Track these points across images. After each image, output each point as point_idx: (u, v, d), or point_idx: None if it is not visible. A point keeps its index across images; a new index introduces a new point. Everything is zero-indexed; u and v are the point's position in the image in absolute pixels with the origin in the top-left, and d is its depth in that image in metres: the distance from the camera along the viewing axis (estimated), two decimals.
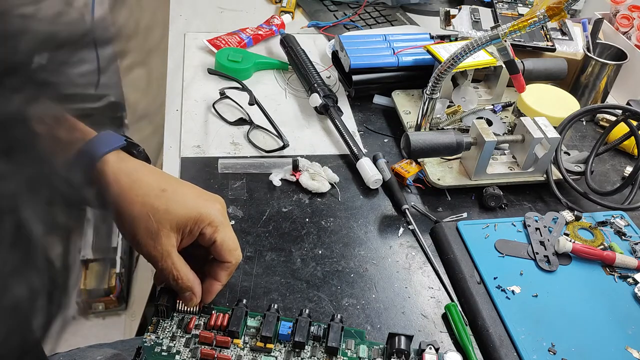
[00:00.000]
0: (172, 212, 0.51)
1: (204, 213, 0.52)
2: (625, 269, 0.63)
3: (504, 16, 0.97)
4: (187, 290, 0.53)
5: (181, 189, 0.53)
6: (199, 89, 0.88)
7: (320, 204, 0.71)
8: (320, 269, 0.63)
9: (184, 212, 0.51)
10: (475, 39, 0.67)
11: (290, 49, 0.92)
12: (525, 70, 0.84)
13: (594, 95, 0.90)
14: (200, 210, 0.52)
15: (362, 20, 1.08)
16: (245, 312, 0.53)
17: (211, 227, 0.52)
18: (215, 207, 0.53)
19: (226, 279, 0.54)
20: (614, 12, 1.02)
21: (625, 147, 0.84)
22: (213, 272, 0.54)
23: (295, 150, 0.78)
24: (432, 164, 0.75)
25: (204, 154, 0.76)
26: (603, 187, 0.77)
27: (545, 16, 0.64)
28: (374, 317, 0.58)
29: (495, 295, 0.59)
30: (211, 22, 1.05)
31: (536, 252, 0.64)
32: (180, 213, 0.51)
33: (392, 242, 0.67)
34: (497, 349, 0.55)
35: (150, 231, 0.50)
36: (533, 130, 0.71)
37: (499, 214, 0.72)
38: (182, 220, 0.51)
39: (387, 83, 0.88)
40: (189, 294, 0.53)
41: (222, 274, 0.54)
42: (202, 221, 0.52)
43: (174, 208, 0.51)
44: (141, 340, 0.52)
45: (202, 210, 0.52)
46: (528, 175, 0.74)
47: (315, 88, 0.84)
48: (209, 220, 0.52)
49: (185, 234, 0.52)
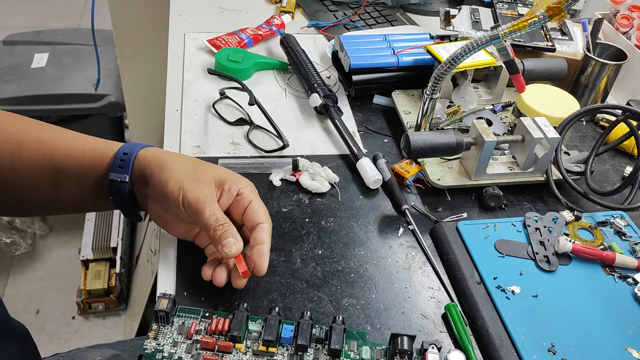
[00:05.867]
0: (213, 169, 0.59)
1: (239, 176, 0.60)
2: (625, 269, 0.63)
3: (504, 16, 0.97)
4: (230, 235, 0.55)
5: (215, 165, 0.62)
6: (199, 89, 0.88)
7: (320, 204, 0.71)
8: (320, 269, 0.63)
9: (223, 172, 0.59)
10: (475, 39, 0.67)
11: (290, 49, 0.92)
12: (525, 70, 0.84)
13: (594, 95, 0.90)
14: (235, 174, 0.60)
15: (362, 20, 1.08)
16: (246, 316, 0.53)
17: (247, 189, 0.59)
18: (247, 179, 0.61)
19: (269, 240, 0.57)
20: (614, 12, 1.02)
21: (625, 147, 0.84)
22: (254, 239, 0.57)
23: (295, 150, 0.78)
24: (432, 164, 0.75)
25: (204, 154, 0.76)
26: (603, 187, 0.77)
27: (545, 16, 0.64)
28: (374, 317, 0.58)
29: (495, 295, 0.59)
30: (211, 22, 1.05)
31: (536, 252, 0.64)
32: (221, 172, 0.59)
33: (392, 242, 0.67)
34: (497, 349, 0.55)
35: (198, 179, 0.56)
36: (533, 130, 0.71)
37: (499, 214, 0.72)
38: (223, 177, 0.58)
39: (387, 83, 0.88)
40: (232, 239, 0.55)
41: (262, 235, 0.57)
42: (240, 182, 0.59)
43: (215, 169, 0.60)
44: (142, 346, 0.52)
45: (237, 175, 0.60)
46: (528, 175, 0.74)
47: (315, 88, 0.84)
48: (246, 183, 0.60)
49: (224, 190, 0.58)
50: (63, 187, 0.61)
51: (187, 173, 0.56)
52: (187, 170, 0.57)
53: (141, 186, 0.59)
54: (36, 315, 1.68)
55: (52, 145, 0.60)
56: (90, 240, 1.64)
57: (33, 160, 0.59)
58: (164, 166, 0.57)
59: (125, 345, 0.79)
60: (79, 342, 1.61)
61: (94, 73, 1.74)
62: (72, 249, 1.79)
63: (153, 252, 1.36)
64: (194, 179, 0.56)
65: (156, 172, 0.57)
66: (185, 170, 0.57)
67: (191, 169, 0.57)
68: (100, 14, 1.54)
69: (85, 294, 1.62)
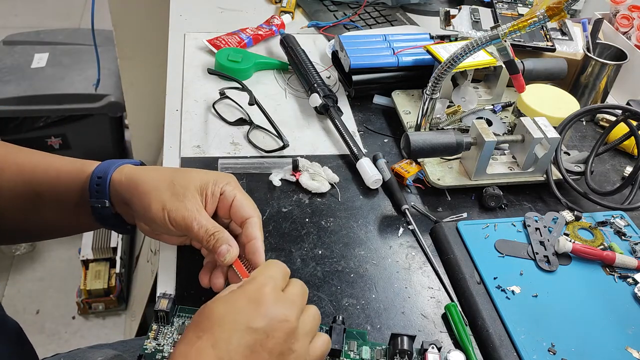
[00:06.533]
0: (192, 177, 0.57)
1: (219, 175, 0.58)
2: (625, 269, 0.63)
3: (504, 16, 0.97)
4: (223, 242, 0.55)
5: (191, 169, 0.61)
6: (199, 89, 0.88)
7: (320, 204, 0.71)
8: (320, 269, 0.63)
9: (202, 176, 0.58)
10: (475, 39, 0.67)
11: (290, 49, 0.92)
12: (525, 70, 0.84)
13: (594, 95, 0.90)
14: (215, 174, 0.59)
15: (362, 20, 1.08)
16: None
17: (230, 185, 0.58)
18: (227, 174, 0.60)
19: (260, 233, 0.57)
20: (614, 12, 1.02)
21: (625, 147, 0.84)
22: (246, 236, 0.56)
23: (295, 150, 0.78)
24: (432, 164, 0.75)
25: (204, 154, 0.76)
26: (603, 187, 0.77)
27: (545, 16, 0.64)
28: (374, 317, 0.58)
29: (495, 295, 0.59)
30: (211, 22, 1.05)
31: (536, 252, 0.64)
32: (198, 177, 0.57)
33: (392, 242, 0.67)
34: (497, 349, 0.55)
35: (177, 194, 0.55)
36: (533, 130, 0.71)
37: (499, 214, 0.72)
38: (203, 182, 0.57)
39: (387, 83, 0.88)
40: (226, 246, 0.55)
41: (252, 231, 0.56)
42: (221, 181, 0.58)
43: (192, 175, 0.58)
44: (142, 347, 0.52)
45: (216, 174, 0.59)
46: (528, 175, 0.74)
47: (315, 88, 0.84)
48: (227, 180, 0.58)
49: (208, 195, 0.57)
50: (45, 212, 0.61)
51: (165, 190, 0.55)
52: (164, 186, 0.56)
53: (125, 207, 0.59)
54: (36, 315, 1.68)
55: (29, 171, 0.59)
56: (90, 240, 1.64)
57: (13, 186, 0.59)
58: (140, 188, 0.56)
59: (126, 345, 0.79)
60: (79, 342, 1.60)
61: (94, 73, 1.74)
62: (72, 249, 1.79)
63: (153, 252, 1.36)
64: (174, 195, 0.55)
65: (135, 197, 0.56)
66: (163, 187, 0.55)
67: (169, 185, 0.56)
68: (100, 14, 1.54)
69: (85, 294, 1.62)
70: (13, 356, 0.64)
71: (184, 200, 0.55)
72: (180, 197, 0.55)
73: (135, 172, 0.57)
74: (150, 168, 0.59)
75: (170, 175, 0.57)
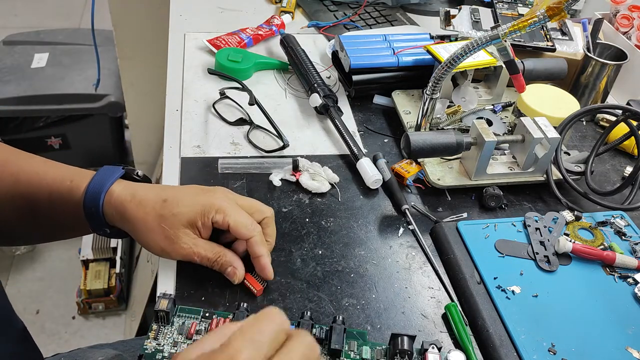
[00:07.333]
0: (179, 214, 0.56)
1: (207, 204, 0.56)
2: (625, 269, 0.63)
3: (504, 16, 0.97)
4: (228, 266, 0.57)
5: (180, 193, 0.58)
6: (199, 89, 0.88)
7: (320, 204, 0.71)
8: (320, 269, 0.63)
9: (188, 210, 0.56)
10: (475, 39, 0.67)
11: (290, 49, 0.92)
12: (525, 70, 0.84)
13: (594, 95, 0.90)
14: (202, 203, 0.56)
15: (362, 20, 1.08)
16: (246, 315, 0.53)
17: (219, 213, 0.56)
18: (216, 196, 0.58)
19: (264, 250, 0.58)
20: (614, 12, 1.02)
21: (625, 147, 0.84)
22: (251, 254, 0.58)
23: (295, 150, 0.78)
24: (432, 164, 0.75)
25: (204, 154, 0.76)
26: (603, 187, 0.77)
27: (545, 16, 0.64)
28: (374, 317, 0.58)
29: (495, 295, 0.59)
30: (211, 22, 1.05)
31: (536, 252, 0.64)
32: (185, 211, 0.56)
33: (392, 242, 0.67)
34: (497, 349, 0.55)
35: (169, 237, 0.56)
36: (533, 130, 0.71)
37: (499, 214, 0.72)
38: (190, 217, 0.56)
39: (387, 83, 0.88)
40: (231, 268, 0.57)
41: (255, 250, 0.58)
42: (209, 212, 0.56)
43: (179, 210, 0.56)
44: (142, 347, 0.52)
45: (204, 202, 0.56)
46: (528, 175, 0.74)
47: (315, 88, 0.84)
48: (215, 208, 0.56)
49: (199, 228, 0.57)
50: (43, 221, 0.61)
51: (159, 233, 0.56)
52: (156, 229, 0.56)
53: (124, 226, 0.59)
54: (36, 315, 1.68)
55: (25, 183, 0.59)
56: (90, 240, 1.64)
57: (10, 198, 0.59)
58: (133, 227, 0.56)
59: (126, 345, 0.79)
60: (79, 342, 1.60)
61: (94, 73, 1.74)
62: (72, 249, 1.79)
63: None
64: (167, 239, 0.56)
65: (131, 232, 0.57)
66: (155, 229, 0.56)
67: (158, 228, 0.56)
68: (100, 14, 1.54)
69: (85, 294, 1.62)
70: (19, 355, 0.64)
71: (178, 241, 0.56)
72: (174, 239, 0.56)
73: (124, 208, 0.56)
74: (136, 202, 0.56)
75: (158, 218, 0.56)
